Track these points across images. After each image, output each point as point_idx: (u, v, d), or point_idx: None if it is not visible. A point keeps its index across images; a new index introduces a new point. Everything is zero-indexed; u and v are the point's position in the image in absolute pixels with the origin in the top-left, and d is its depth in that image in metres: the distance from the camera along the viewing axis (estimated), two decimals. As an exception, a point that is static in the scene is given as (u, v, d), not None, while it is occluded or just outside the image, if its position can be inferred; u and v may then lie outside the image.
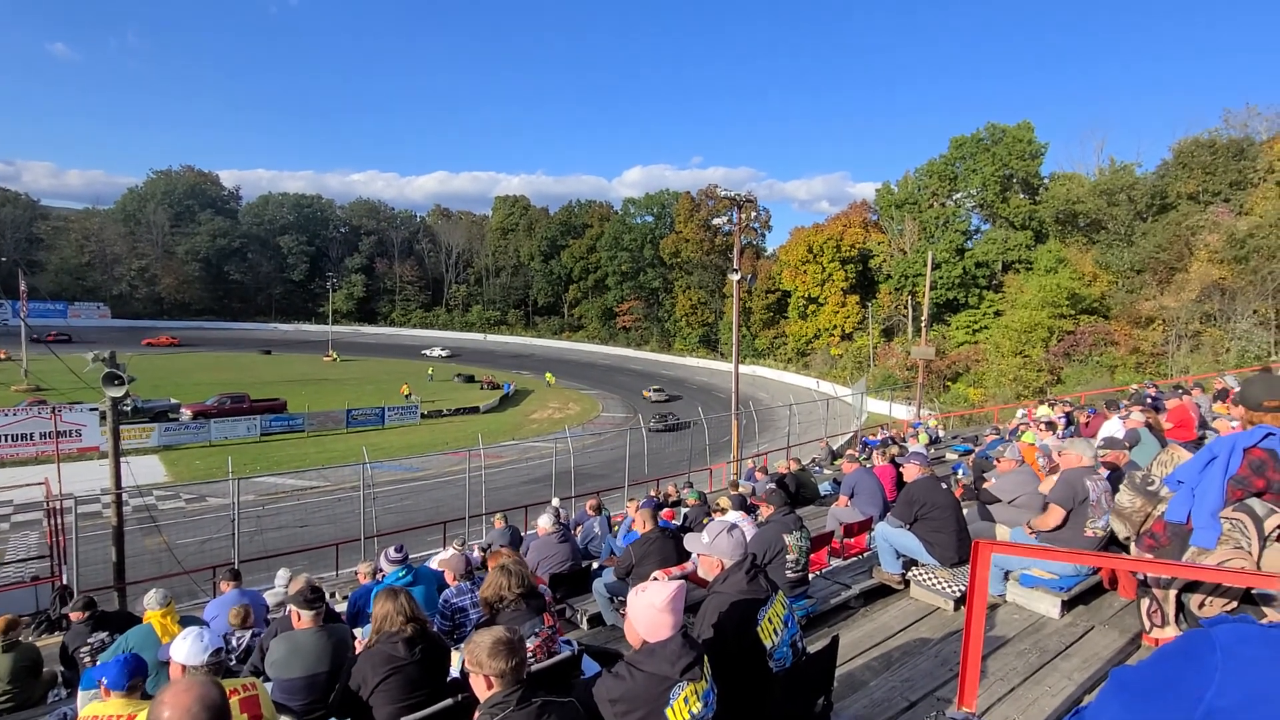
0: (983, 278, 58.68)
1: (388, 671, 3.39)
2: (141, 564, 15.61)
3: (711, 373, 73.64)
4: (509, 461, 32.40)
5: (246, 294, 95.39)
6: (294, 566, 11.42)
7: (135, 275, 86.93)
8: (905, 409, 42.64)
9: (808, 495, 12.20)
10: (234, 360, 64.38)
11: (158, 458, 32.23)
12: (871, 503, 8.42)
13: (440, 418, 44.75)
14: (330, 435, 39.00)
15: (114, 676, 3.40)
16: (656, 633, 2.60)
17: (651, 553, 6.06)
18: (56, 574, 13.57)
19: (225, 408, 39.49)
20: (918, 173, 66.08)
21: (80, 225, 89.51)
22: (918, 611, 5.47)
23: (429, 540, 17.32)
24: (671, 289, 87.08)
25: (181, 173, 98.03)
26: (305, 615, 4.11)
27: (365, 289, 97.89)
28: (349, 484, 25.13)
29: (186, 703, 1.93)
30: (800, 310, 71.75)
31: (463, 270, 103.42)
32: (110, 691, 3.40)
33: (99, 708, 3.30)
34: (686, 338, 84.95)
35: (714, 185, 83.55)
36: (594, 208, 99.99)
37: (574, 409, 51.23)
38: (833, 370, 65.03)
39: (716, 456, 24.92)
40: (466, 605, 4.87)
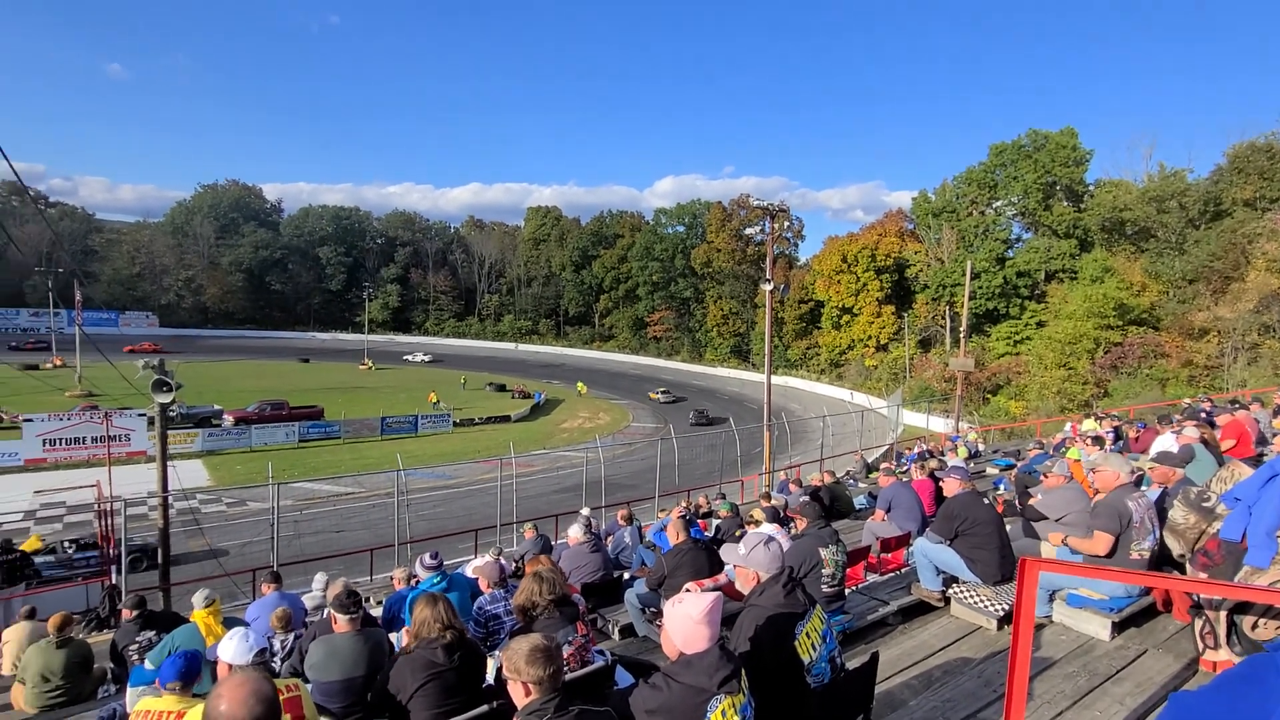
0: (1024, 288, 57.33)
1: (427, 677, 3.41)
2: (186, 565, 16.03)
3: (743, 383, 73.17)
4: (540, 470, 32.55)
5: (287, 303, 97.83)
6: (330, 571, 11.60)
7: (182, 285, 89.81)
8: (943, 422, 41.77)
9: (842, 509, 11.99)
10: (274, 368, 66.05)
11: (201, 462, 33.14)
12: (909, 517, 8.23)
13: (472, 426, 45.22)
14: (365, 442, 39.68)
15: (170, 673, 3.50)
16: (693, 644, 2.58)
17: (684, 564, 6.00)
18: (107, 573, 14.00)
19: (265, 414, 40.53)
20: (956, 180, 65.01)
21: (131, 237, 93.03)
22: (959, 630, 5.31)
23: (460, 547, 17.47)
24: (703, 299, 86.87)
25: (227, 186, 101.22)
26: (343, 619, 4.16)
27: (400, 299, 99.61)
28: (383, 490, 25.51)
29: (242, 696, 2.00)
30: (834, 320, 70.98)
31: (495, 280, 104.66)
32: (165, 687, 3.49)
33: (152, 702, 3.40)
34: (718, 348, 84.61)
35: (746, 195, 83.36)
36: (625, 218, 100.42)
37: (604, 418, 51.33)
38: (867, 382, 64.08)
39: (748, 468, 24.70)
40: (500, 612, 4.88)
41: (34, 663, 6.46)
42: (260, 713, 1.99)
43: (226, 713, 1.98)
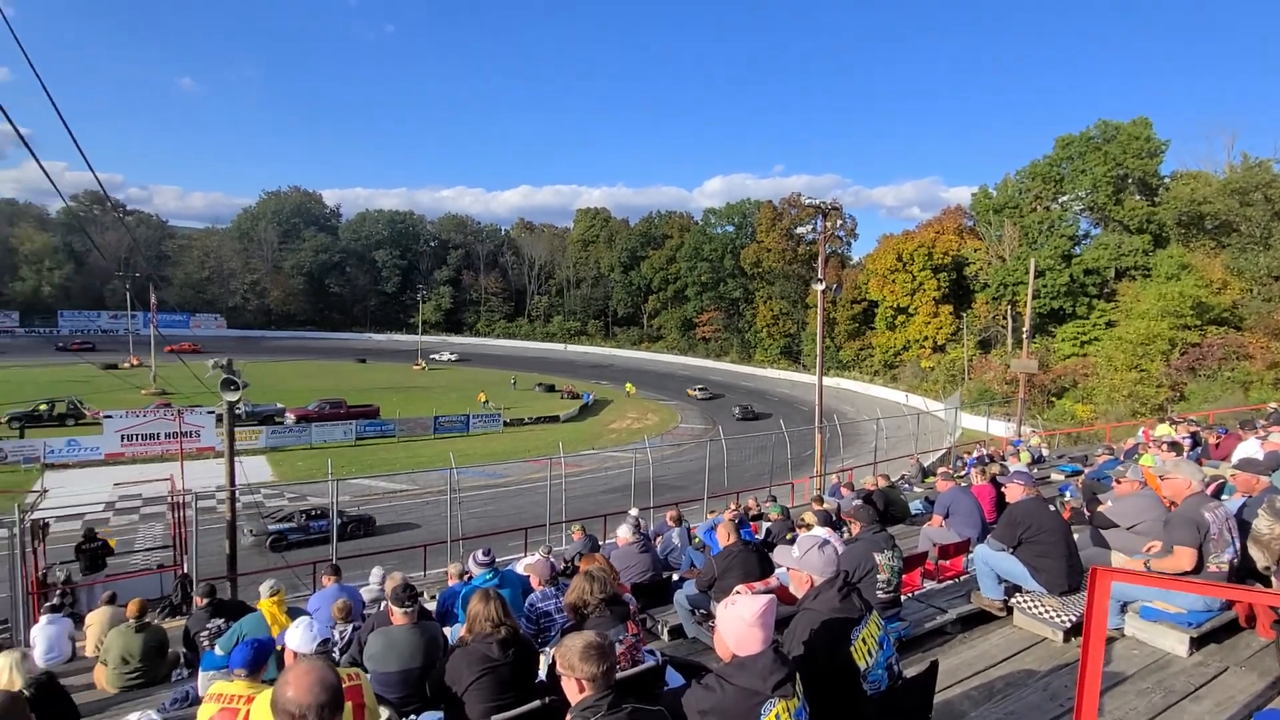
0: (1092, 286, 54.80)
1: (482, 671, 3.47)
2: (249, 556, 16.72)
3: (793, 385, 72.21)
4: (588, 470, 32.78)
5: (344, 305, 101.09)
6: (385, 565, 11.91)
7: (248, 289, 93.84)
8: (1004, 425, 40.31)
9: (897, 513, 11.69)
10: (332, 368, 68.40)
11: (264, 458, 34.54)
12: (969, 524, 7.95)
13: (522, 426, 45.88)
14: (419, 441, 40.70)
15: (240, 660, 3.64)
16: (747, 647, 2.56)
17: (734, 566, 5.95)
18: (178, 563, 14.71)
19: (325, 413, 42.04)
20: (1019, 175, 62.60)
21: (201, 243, 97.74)
22: (1022, 641, 5.12)
23: (510, 545, 17.71)
24: (752, 299, 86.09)
25: (289, 193, 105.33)
26: (400, 612, 4.28)
27: (452, 300, 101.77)
28: (435, 488, 26.10)
29: (308, 683, 2.07)
30: (888, 321, 69.36)
31: (544, 282, 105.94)
32: (235, 672, 3.64)
33: (224, 686, 3.56)
34: (767, 349, 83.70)
35: (797, 193, 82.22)
36: (674, 218, 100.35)
37: (653, 419, 51.37)
38: (923, 384, 62.40)
39: (799, 471, 24.34)
40: (551, 610, 4.93)
41: (115, 645, 6.84)
42: (324, 700, 2.06)
43: (293, 698, 2.05)
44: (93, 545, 15.25)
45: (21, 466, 30.50)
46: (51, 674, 4.78)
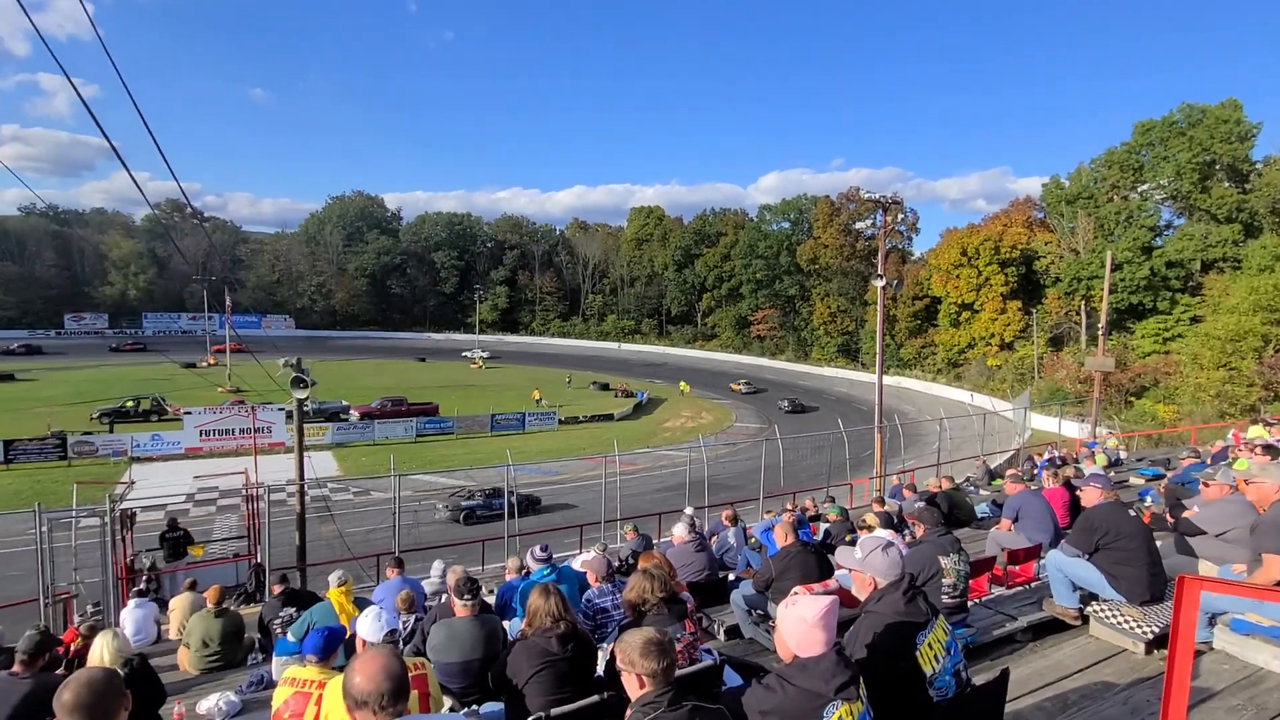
0: (1175, 279, 51.69)
1: (542, 664, 3.51)
2: (317, 548, 17.38)
3: (852, 383, 70.73)
4: (642, 469, 32.86)
5: (405, 306, 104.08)
6: (445, 559, 12.21)
7: (314, 290, 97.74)
8: (1077, 426, 38.49)
9: (962, 516, 11.30)
10: (394, 366, 70.54)
11: (331, 454, 35.87)
12: (1040, 528, 7.61)
13: (576, 424, 46.33)
14: (476, 438, 41.56)
15: (313, 646, 3.81)
16: (808, 648, 2.52)
17: (792, 567, 5.86)
18: (252, 553, 15.42)
19: (387, 410, 43.40)
20: (1094, 164, 59.60)
21: (272, 247, 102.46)
22: (1099, 652, 4.87)
23: (565, 542, 17.91)
24: (809, 296, 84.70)
25: (353, 197, 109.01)
26: (462, 605, 4.37)
27: (508, 300, 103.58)
28: (492, 485, 26.59)
29: (374, 671, 2.15)
30: (952, 317, 67.18)
31: (599, 281, 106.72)
32: (308, 658, 3.81)
33: (298, 671, 3.72)
34: (825, 347, 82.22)
35: (856, 188, 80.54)
36: (728, 215, 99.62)
37: (707, 418, 51.14)
38: (989, 382, 60.19)
39: (858, 471, 23.78)
40: (608, 606, 4.96)
41: (197, 629, 7.23)
42: (390, 688, 2.13)
43: (361, 685, 2.13)
44: (175, 534, 16.15)
45: (110, 459, 32.56)
46: (143, 655, 5.08)
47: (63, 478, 28.20)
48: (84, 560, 13.48)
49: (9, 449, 31.35)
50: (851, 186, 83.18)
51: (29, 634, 4.34)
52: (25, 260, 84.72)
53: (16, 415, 39.75)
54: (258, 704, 5.65)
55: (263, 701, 5.66)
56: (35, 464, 31.40)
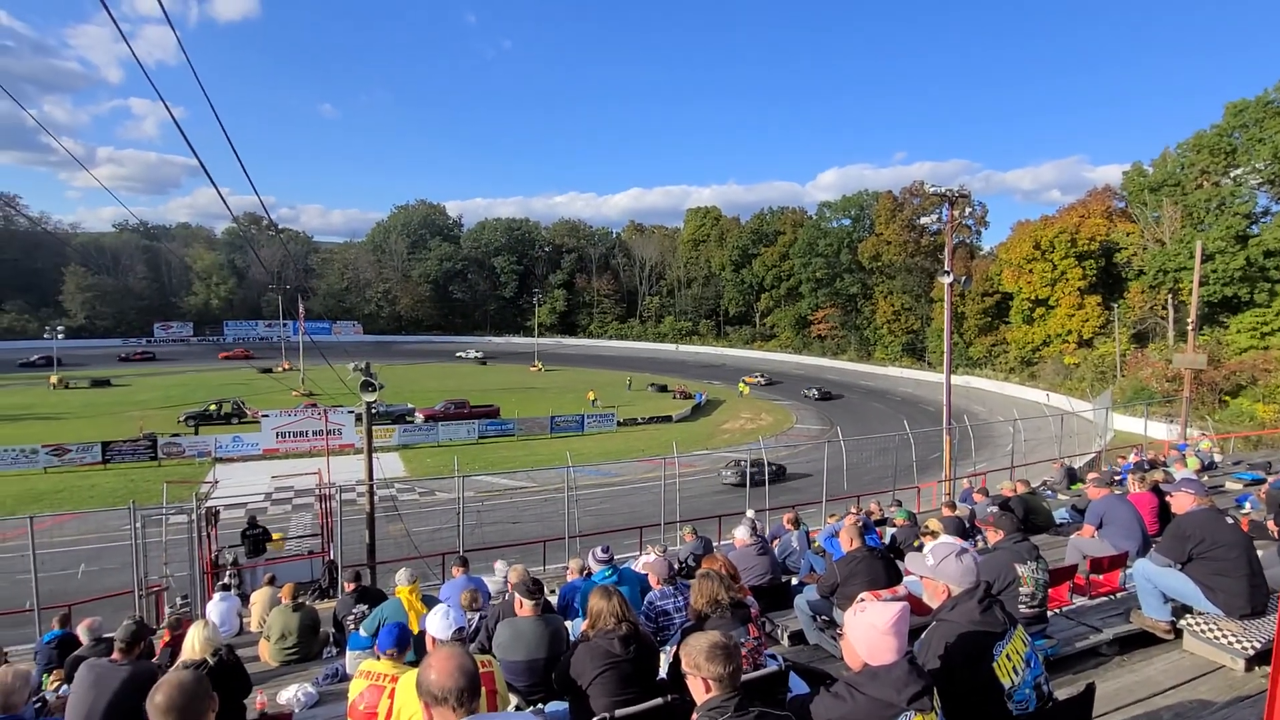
0: (1275, 269, 48.02)
1: (605, 665, 3.53)
2: (385, 546, 17.94)
3: (917, 383, 68.64)
4: (701, 471, 32.69)
5: (466, 310, 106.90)
6: (508, 559, 12.42)
7: (380, 297, 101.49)
8: (1165, 428, 36.23)
9: (1039, 522, 10.77)
10: (456, 370, 72.45)
11: (397, 455, 37.03)
12: (1127, 535, 7.18)
13: (635, 426, 46.48)
14: (536, 440, 42.20)
15: (387, 641, 3.98)
16: (879, 656, 2.45)
17: (858, 572, 5.70)
18: (326, 550, 16.06)
19: (450, 412, 44.62)
20: (1180, 149, 55.90)
21: (341, 256, 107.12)
22: (1194, 668, 4.58)
23: (625, 544, 17.96)
24: (871, 295, 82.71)
25: (416, 206, 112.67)
26: (527, 604, 4.43)
27: (566, 303, 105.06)
28: (552, 486, 26.92)
29: (449, 668, 2.21)
30: (1025, 314, 64.35)
31: (655, 282, 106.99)
32: (383, 653, 3.97)
33: (372, 664, 3.89)
34: (888, 346, 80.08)
35: (920, 182, 77.98)
36: (786, 214, 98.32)
37: (766, 420, 50.51)
38: (1066, 382, 57.35)
39: (925, 474, 23.03)
40: (670, 609, 4.93)
41: (276, 623, 7.58)
42: (463, 685, 2.18)
43: (435, 681, 2.19)
44: (255, 531, 16.98)
45: (196, 460, 34.56)
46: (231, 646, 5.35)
47: (153, 477, 30.09)
48: (172, 555, 14.35)
49: (106, 450, 33.70)
50: (915, 181, 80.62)
51: (126, 624, 4.61)
52: (119, 273, 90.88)
53: (114, 418, 42.67)
54: (333, 696, 5.89)
55: (337, 694, 5.91)
56: (129, 464, 33.63)
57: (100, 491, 29.29)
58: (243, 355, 75.09)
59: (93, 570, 19.87)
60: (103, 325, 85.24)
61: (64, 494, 28.93)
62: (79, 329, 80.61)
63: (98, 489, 29.69)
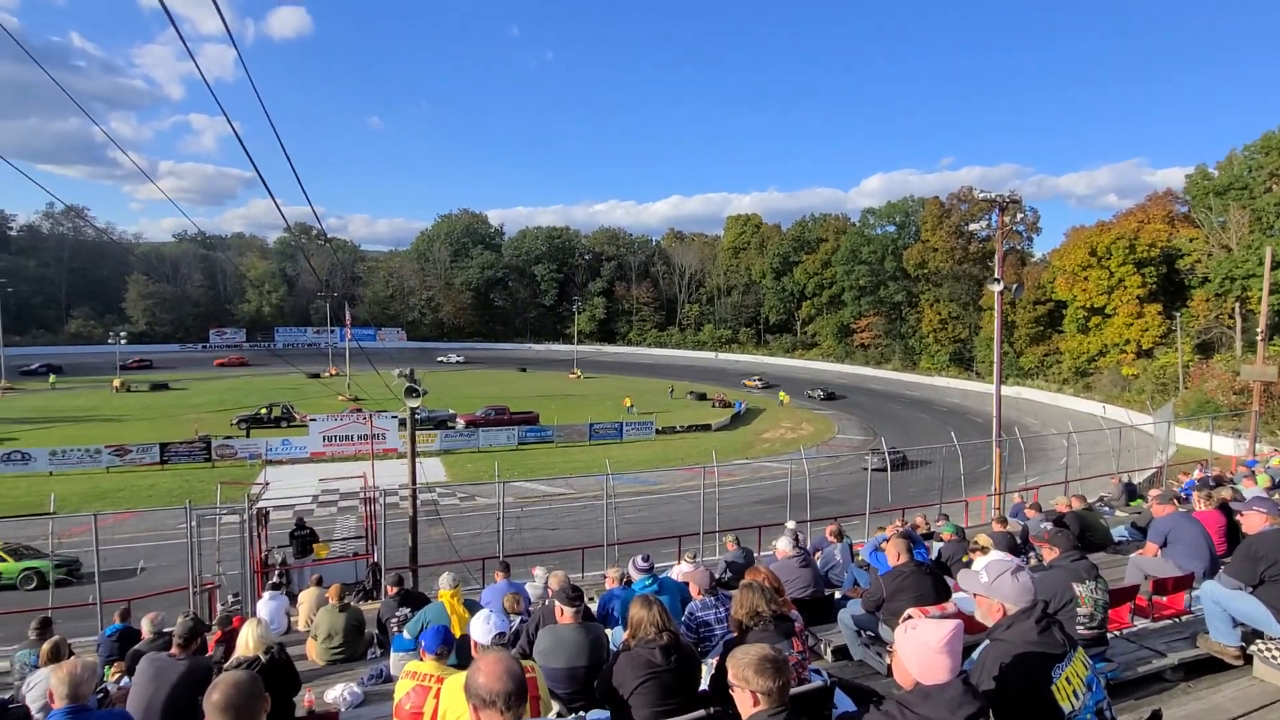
0: (1350, 276, 45.57)
1: (646, 675, 3.50)
2: (426, 550, 18.20)
3: (965, 394, 66.95)
4: (741, 480, 32.40)
5: (507, 318, 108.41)
6: (547, 565, 12.47)
7: (424, 304, 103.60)
8: (1233, 443, 34.52)
9: (1096, 540, 10.35)
10: (496, 376, 73.39)
11: (439, 460, 37.66)
12: (1193, 555, 6.83)
13: (674, 434, 46.36)
14: (575, 447, 42.41)
15: (433, 643, 4.06)
16: (932, 675, 2.38)
17: (905, 587, 5.54)
18: (370, 552, 16.38)
19: (490, 419, 45.24)
20: (1248, 150, 53.53)
21: (386, 264, 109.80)
22: (1265, 695, 4.39)
23: (664, 552, 17.87)
24: (916, 303, 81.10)
25: (459, 215, 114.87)
26: (568, 611, 4.43)
27: (605, 311, 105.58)
28: (591, 493, 26.95)
29: (498, 672, 2.23)
30: (1079, 323, 62.24)
31: (695, 290, 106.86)
32: (427, 654, 4.05)
33: (417, 665, 3.97)
34: (934, 355, 78.32)
35: (968, 187, 76.28)
36: (829, 221, 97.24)
37: (808, 429, 49.85)
38: (1124, 393, 55.22)
39: (972, 488, 22.38)
40: (711, 620, 4.88)
41: (324, 623, 7.75)
42: (511, 689, 2.20)
43: (483, 685, 2.21)
44: (303, 532, 17.45)
45: (247, 462, 35.72)
46: (282, 644, 5.49)
47: (207, 478, 31.20)
48: (225, 554, 14.81)
49: (164, 451, 35.17)
50: (963, 186, 78.85)
51: (183, 620, 4.78)
52: (178, 281, 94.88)
53: (171, 421, 44.45)
54: (377, 696, 6.01)
55: (382, 694, 6.03)
56: (185, 465, 34.98)
57: (158, 491, 30.50)
58: (238, 362, 76.05)
59: (151, 567, 20.67)
60: (162, 331, 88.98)
61: (125, 493, 30.22)
62: (140, 334, 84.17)
63: (156, 488, 30.94)
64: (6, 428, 41.57)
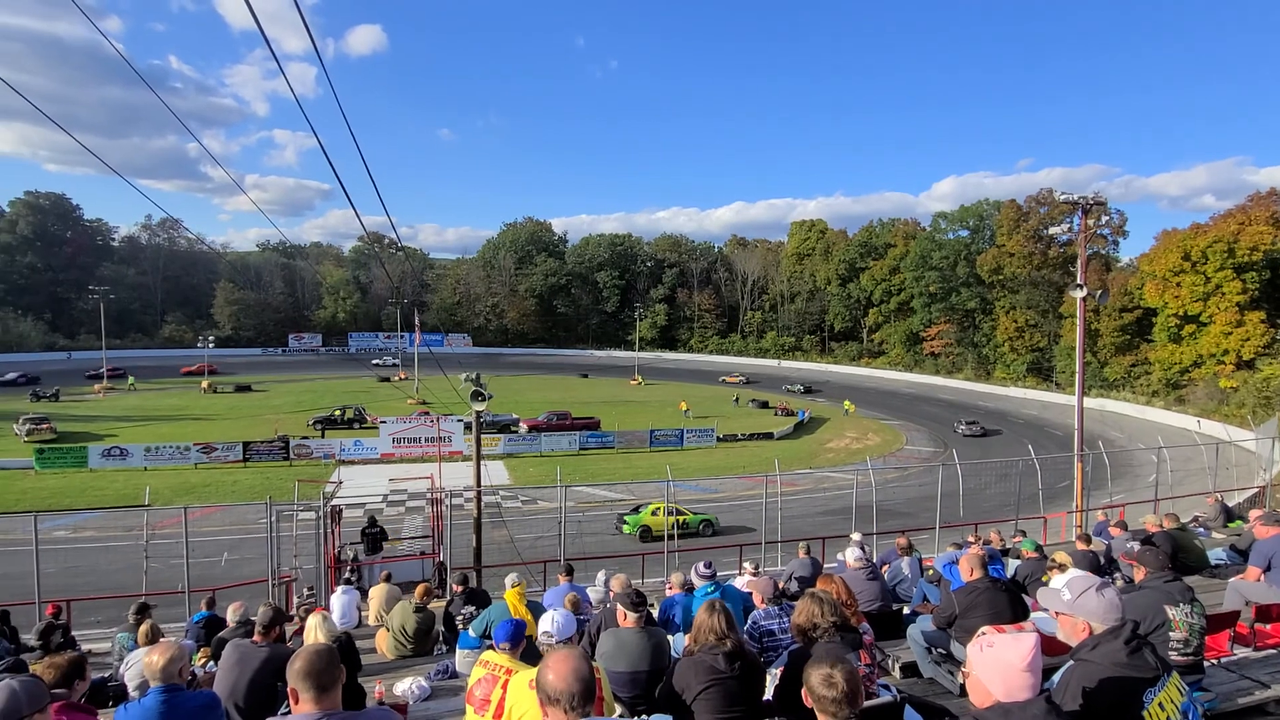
0: None
1: (709, 681, 3.47)
2: (489, 551, 18.56)
3: (1043, 406, 63.89)
4: (803, 490, 31.81)
5: (569, 324, 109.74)
6: (609, 569, 12.53)
7: (489, 311, 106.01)
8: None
9: (1190, 562, 9.66)
10: (558, 382, 74.42)
11: (502, 463, 38.42)
12: (1302, 580, 6.31)
13: (735, 441, 45.90)
14: (635, 452, 42.54)
15: (505, 635, 4.18)
16: (1014, 693, 2.29)
17: (979, 604, 5.30)
18: (436, 551, 16.83)
19: (552, 424, 45.88)
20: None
21: (453, 272, 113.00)
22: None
23: (724, 561, 17.69)
24: (991, 310, 77.92)
25: (524, 223, 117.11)
26: (630, 615, 4.44)
27: (667, 317, 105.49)
28: (651, 499, 26.99)
29: (565, 671, 2.29)
30: (1171, 332, 58.43)
31: (757, 297, 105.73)
32: (498, 647, 4.17)
33: (491, 655, 4.08)
34: (1010, 365, 74.97)
35: (1048, 189, 72.71)
36: (897, 225, 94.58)
37: (874, 439, 48.52)
38: (1222, 407, 51.52)
39: (1051, 505, 21.27)
40: (775, 629, 4.79)
41: (397, 618, 8.00)
42: (576, 689, 2.25)
43: (551, 683, 2.28)
44: (373, 530, 18.09)
45: (322, 461, 37.32)
46: (349, 634, 5.70)
47: (286, 475, 32.76)
48: (301, 549, 15.52)
49: (246, 449, 37.13)
50: (1042, 189, 75.04)
51: (264, 609, 5.04)
52: (261, 288, 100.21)
53: (253, 420, 46.93)
54: (444, 691, 6.18)
55: (449, 689, 6.20)
56: (265, 463, 36.82)
57: (241, 487, 32.24)
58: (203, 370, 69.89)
59: (234, 559, 21.83)
60: (246, 336, 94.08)
61: (211, 488, 32.07)
62: (226, 339, 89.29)
63: (239, 485, 32.71)
64: (108, 425, 44.79)
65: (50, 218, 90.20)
